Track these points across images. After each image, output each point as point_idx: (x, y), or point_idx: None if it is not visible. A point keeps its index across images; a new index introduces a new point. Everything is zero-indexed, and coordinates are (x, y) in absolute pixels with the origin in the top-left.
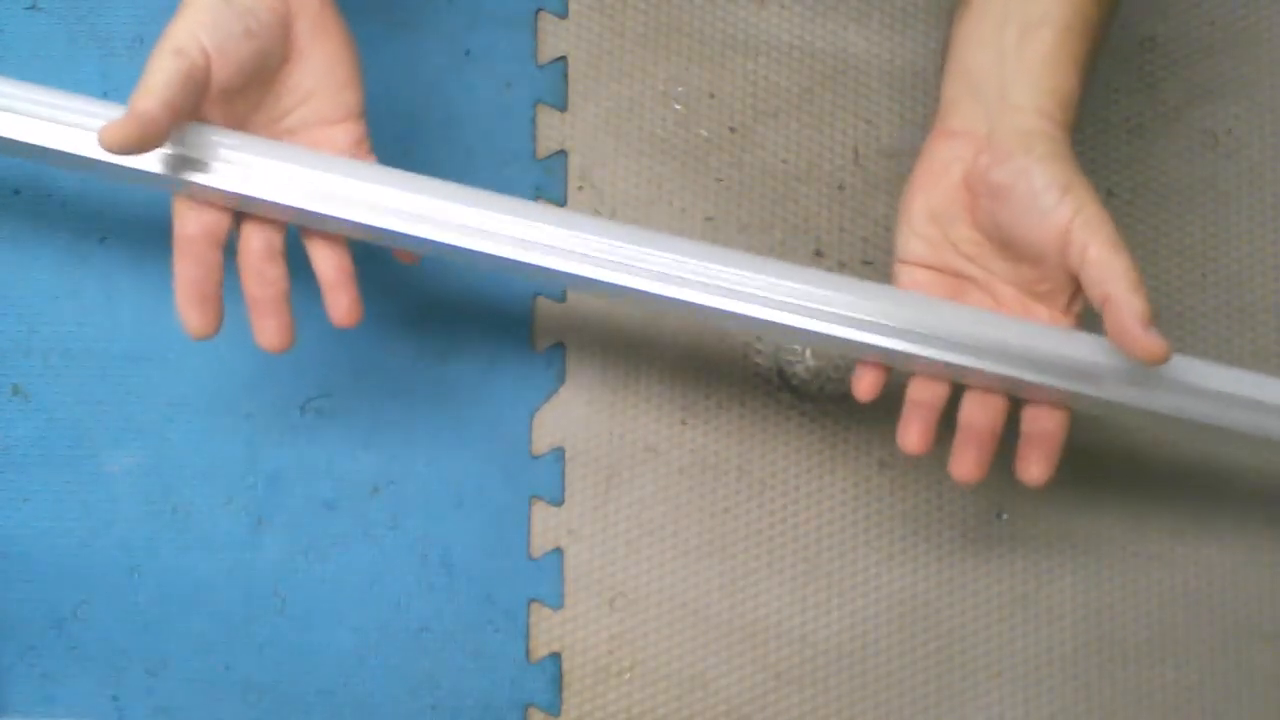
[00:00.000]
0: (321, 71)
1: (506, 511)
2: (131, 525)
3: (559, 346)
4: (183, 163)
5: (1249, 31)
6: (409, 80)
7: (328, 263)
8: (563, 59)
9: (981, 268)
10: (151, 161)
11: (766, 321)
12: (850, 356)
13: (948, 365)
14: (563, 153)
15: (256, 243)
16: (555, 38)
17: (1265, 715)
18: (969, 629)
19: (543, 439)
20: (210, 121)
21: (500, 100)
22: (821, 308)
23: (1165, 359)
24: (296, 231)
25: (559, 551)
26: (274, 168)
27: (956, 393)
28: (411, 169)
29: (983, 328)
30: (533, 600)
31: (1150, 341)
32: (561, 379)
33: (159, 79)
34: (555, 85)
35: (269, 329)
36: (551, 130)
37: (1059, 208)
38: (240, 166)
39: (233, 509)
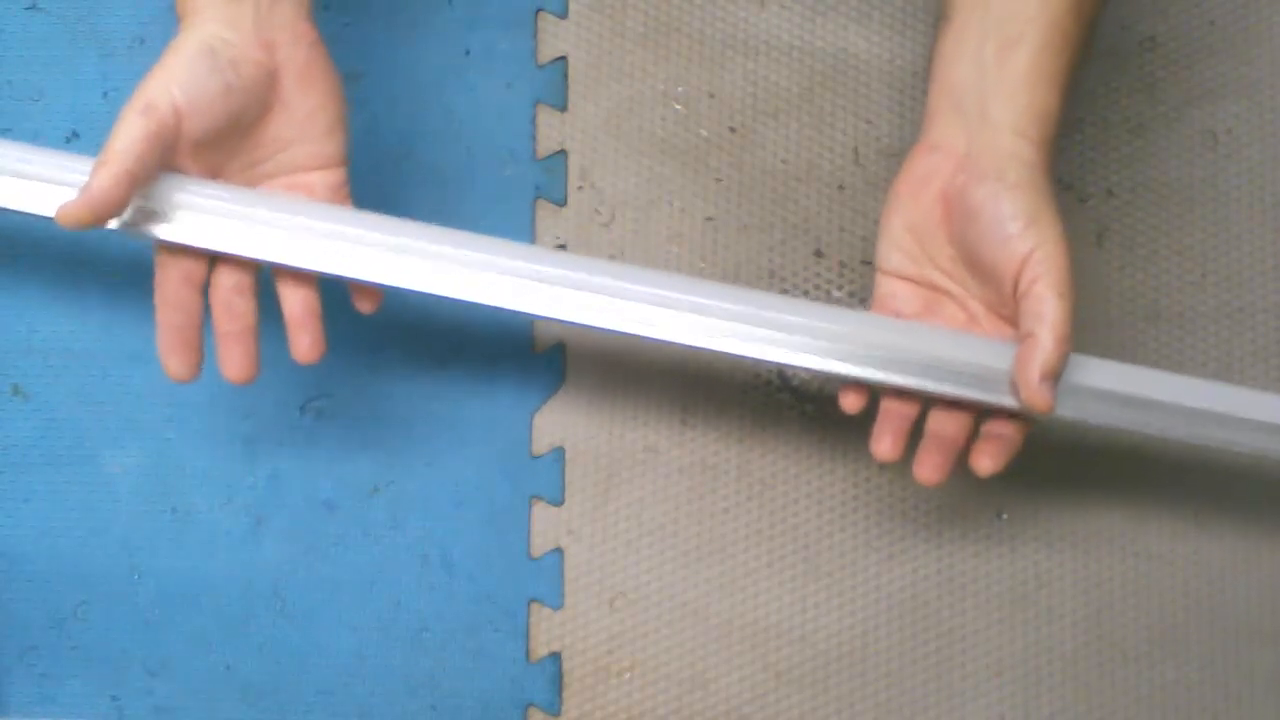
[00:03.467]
0: (303, 121)
1: (506, 511)
2: (131, 525)
3: (559, 346)
4: (147, 216)
5: (1249, 31)
6: (409, 80)
7: (294, 301)
8: (563, 59)
9: (957, 284)
10: (121, 221)
11: (721, 352)
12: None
13: (909, 390)
14: (563, 153)
15: (227, 279)
16: (555, 38)
17: (1265, 715)
18: (969, 629)
19: (543, 439)
20: (183, 170)
21: (500, 100)
22: (784, 335)
23: (1044, 411)
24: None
25: (559, 551)
26: (241, 215)
27: (929, 403)
28: (412, 169)
29: (938, 350)
30: (533, 600)
31: (1038, 394)
32: (561, 379)
33: (121, 144)
34: (555, 85)
35: (234, 360)
36: (551, 130)
37: (1020, 239)
38: (206, 217)
39: (233, 509)
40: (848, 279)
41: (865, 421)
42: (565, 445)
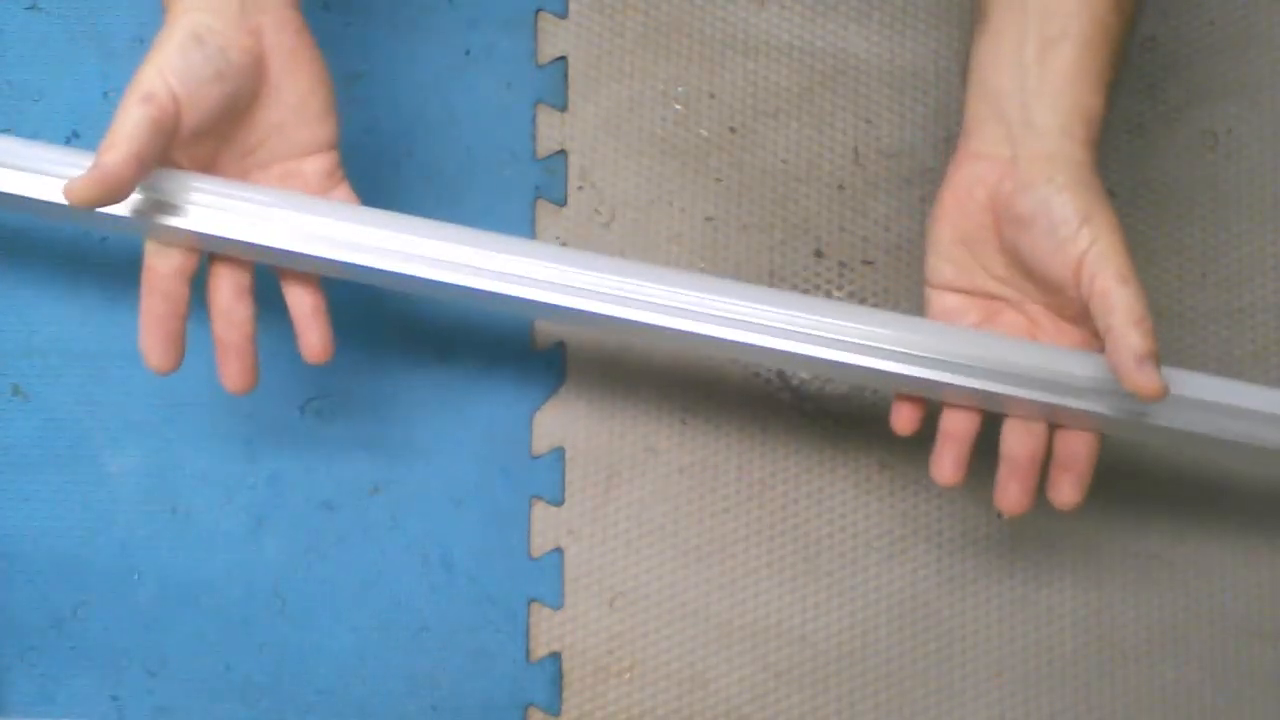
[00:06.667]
0: (293, 106)
1: (506, 511)
2: (131, 525)
3: (559, 346)
4: (154, 208)
5: (1249, 31)
6: (409, 80)
7: (301, 299)
8: (563, 59)
9: (1014, 289)
10: (123, 208)
11: (790, 353)
12: (882, 388)
13: (973, 392)
14: (563, 153)
15: (225, 282)
16: (555, 38)
17: (1265, 715)
18: (969, 629)
19: (543, 439)
20: (177, 163)
21: (500, 100)
22: (845, 338)
23: (1159, 396)
24: (271, 268)
25: (559, 551)
26: (244, 209)
27: (989, 423)
28: (412, 169)
29: (1000, 353)
30: (533, 600)
31: (1142, 379)
32: (561, 379)
33: (126, 128)
34: (555, 85)
35: (233, 372)
36: (551, 130)
37: (1075, 240)
38: (210, 209)
39: (233, 509)
40: (848, 279)
41: (865, 421)
42: (565, 445)
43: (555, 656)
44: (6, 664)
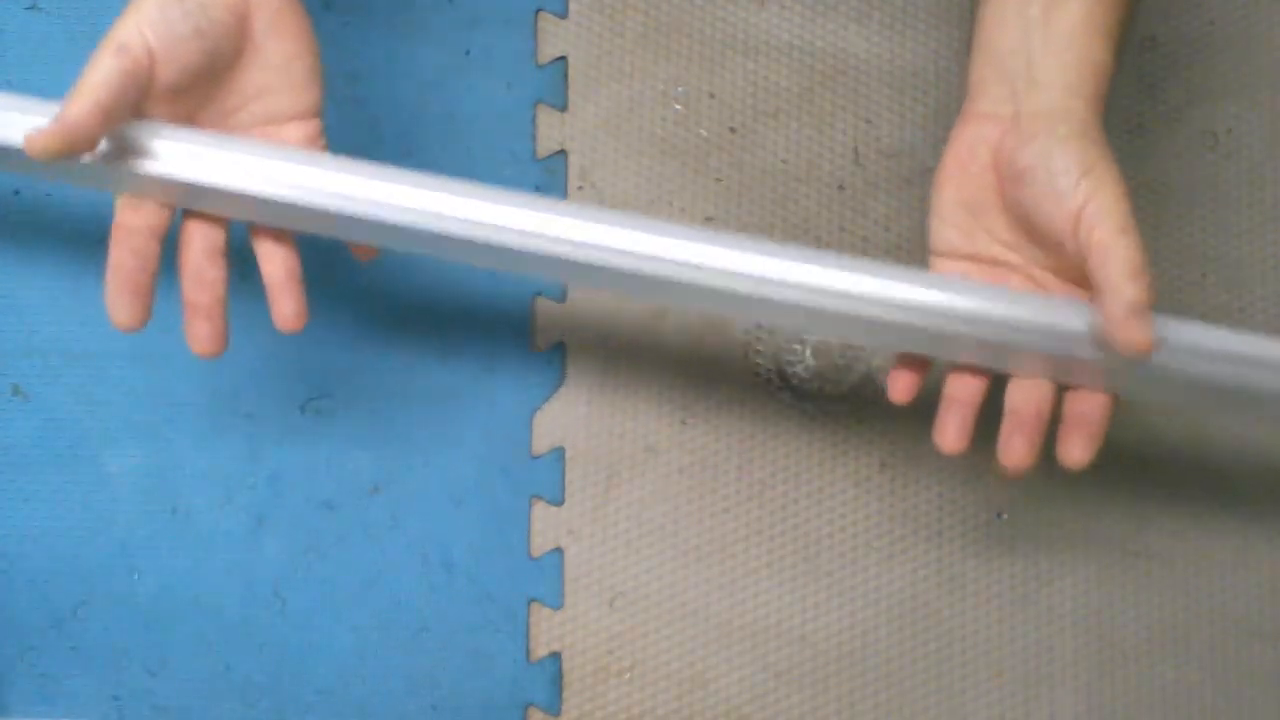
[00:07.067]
0: (277, 69)
1: (506, 511)
2: (131, 525)
3: (559, 346)
4: (127, 153)
5: (1249, 31)
6: (409, 80)
7: (275, 263)
8: (563, 59)
9: (1017, 253)
10: (95, 156)
11: (807, 307)
12: (889, 348)
13: (980, 342)
14: (563, 153)
15: (198, 241)
16: (555, 38)
17: (1265, 715)
18: (969, 629)
19: (543, 439)
20: (154, 118)
21: (500, 100)
22: (856, 291)
23: (1145, 350)
24: (245, 232)
25: (559, 551)
26: (220, 156)
27: (994, 388)
28: (412, 169)
29: (1005, 304)
30: (533, 600)
31: (1131, 330)
32: (561, 379)
33: (95, 78)
34: (555, 85)
35: (201, 335)
36: (551, 130)
37: (1075, 191)
38: (183, 156)
39: (233, 509)
40: None
41: (866, 421)
42: (565, 445)
43: (555, 656)
44: (6, 664)
